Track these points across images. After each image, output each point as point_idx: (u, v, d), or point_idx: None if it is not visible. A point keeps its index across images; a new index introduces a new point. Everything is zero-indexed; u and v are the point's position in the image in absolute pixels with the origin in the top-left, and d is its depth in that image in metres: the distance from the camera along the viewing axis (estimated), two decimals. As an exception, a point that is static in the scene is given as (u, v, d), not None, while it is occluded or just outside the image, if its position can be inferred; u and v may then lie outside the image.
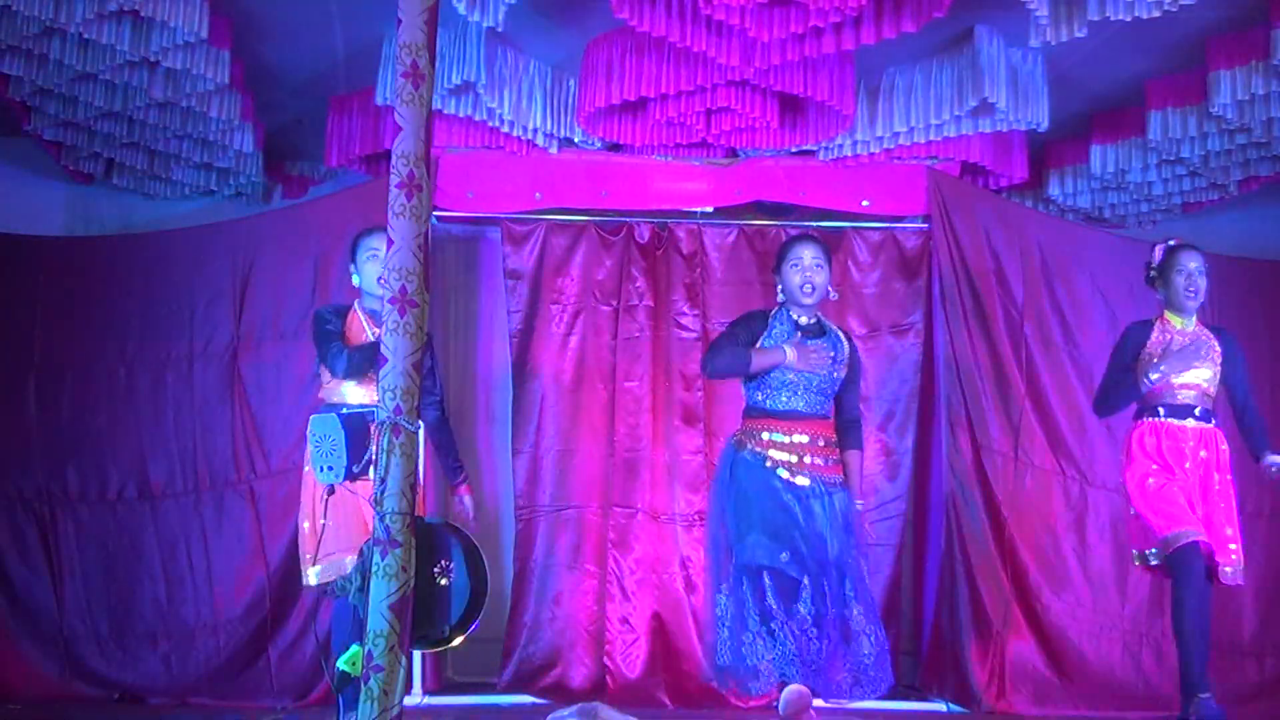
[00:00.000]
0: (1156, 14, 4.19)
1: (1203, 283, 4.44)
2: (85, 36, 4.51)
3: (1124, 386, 4.46)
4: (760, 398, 4.13)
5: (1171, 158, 5.43)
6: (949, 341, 5.46)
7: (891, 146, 5.36)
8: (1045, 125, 5.09)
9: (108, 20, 4.47)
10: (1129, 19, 4.21)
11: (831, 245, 5.67)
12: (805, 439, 4.06)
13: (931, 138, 5.26)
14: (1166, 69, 5.11)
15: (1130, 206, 6.08)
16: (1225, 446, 4.44)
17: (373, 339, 4.10)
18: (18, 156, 5.92)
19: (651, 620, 5.45)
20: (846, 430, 4.32)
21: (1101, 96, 5.42)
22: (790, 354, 4.04)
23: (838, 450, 4.20)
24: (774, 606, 3.90)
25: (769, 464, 4.03)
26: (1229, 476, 4.40)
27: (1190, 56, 4.91)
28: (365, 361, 4.03)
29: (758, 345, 4.18)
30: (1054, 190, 5.96)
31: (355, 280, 4.26)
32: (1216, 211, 6.12)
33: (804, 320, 4.19)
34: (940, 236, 5.51)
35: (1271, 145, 5.27)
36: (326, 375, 4.22)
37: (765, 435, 4.07)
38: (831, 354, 4.15)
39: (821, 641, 3.89)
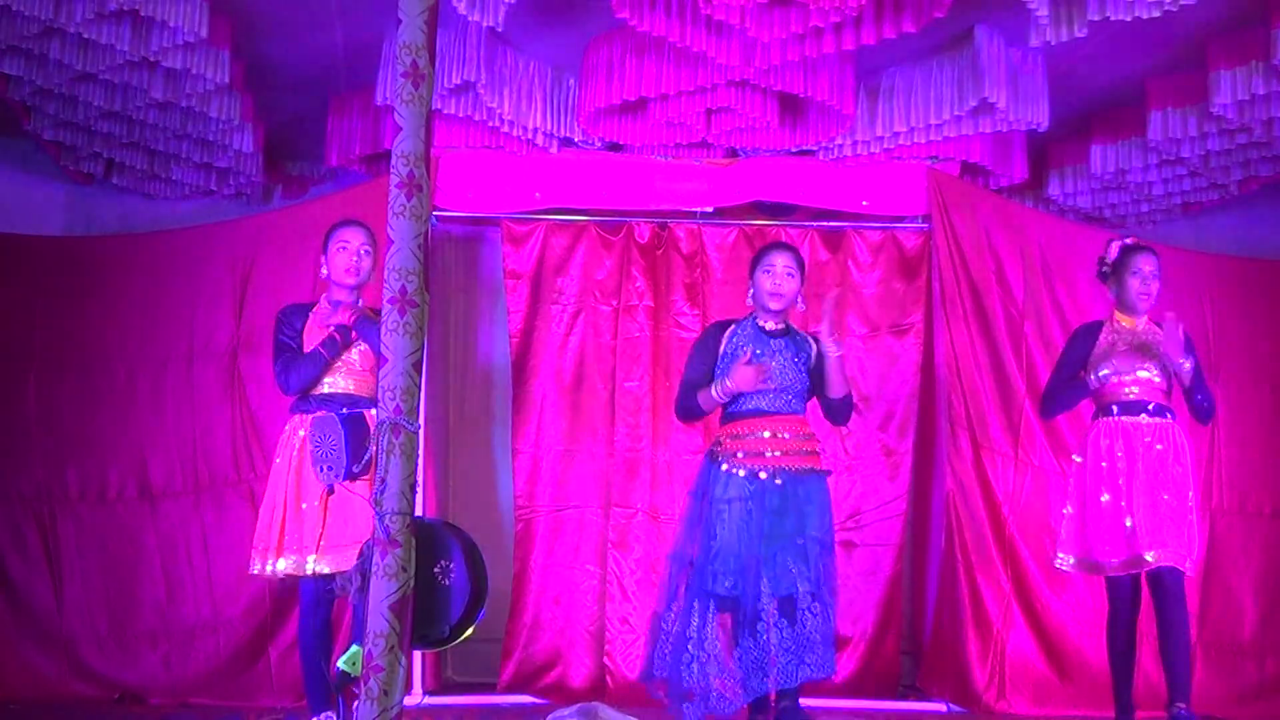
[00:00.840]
0: (1156, 14, 4.19)
1: (1155, 286, 4.43)
2: (85, 36, 4.52)
3: (1071, 388, 4.50)
4: (729, 404, 4.15)
5: (1171, 158, 5.43)
6: (949, 341, 5.46)
7: (891, 146, 5.36)
8: (1045, 125, 5.09)
9: (108, 20, 4.47)
10: (1129, 19, 4.22)
11: (831, 245, 5.71)
12: (770, 435, 4.06)
13: (931, 138, 5.26)
14: (1166, 69, 5.11)
15: (1130, 206, 6.08)
16: (1185, 441, 4.41)
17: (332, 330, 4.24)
18: (18, 156, 5.92)
19: (651, 620, 5.44)
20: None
21: (1101, 96, 5.42)
22: (731, 383, 4.06)
23: (813, 443, 4.17)
24: (718, 635, 3.90)
25: (732, 468, 4.03)
26: (1185, 469, 4.36)
27: (1190, 56, 4.91)
28: (312, 372, 4.18)
29: (717, 362, 4.17)
30: (1054, 190, 5.96)
31: (324, 271, 4.32)
32: (1216, 211, 6.12)
33: (770, 326, 4.18)
34: (940, 236, 5.51)
35: (1271, 145, 5.27)
36: None
37: (733, 438, 4.08)
38: (793, 356, 4.12)
39: (765, 637, 3.84)
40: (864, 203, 5.63)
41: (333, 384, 4.24)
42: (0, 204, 5.93)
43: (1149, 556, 4.18)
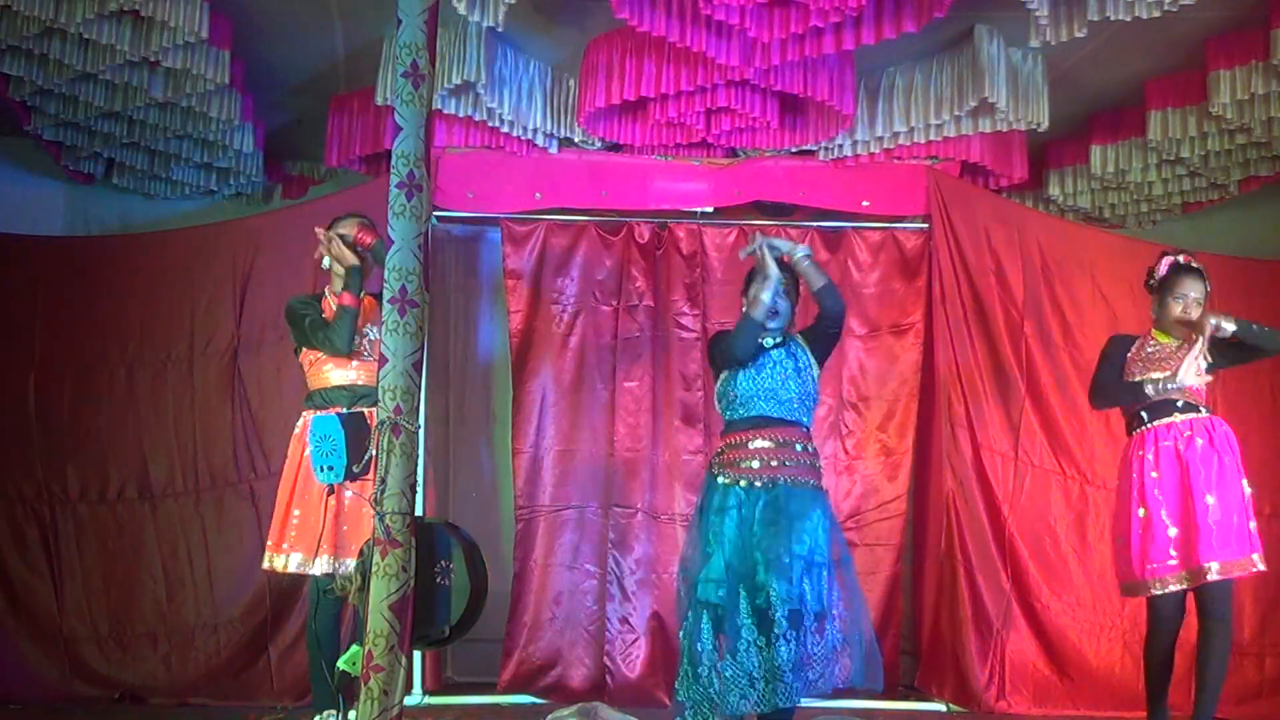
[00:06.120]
0: (1156, 14, 4.20)
1: (1196, 312, 4.29)
2: (85, 36, 4.53)
3: (1125, 389, 4.33)
4: (728, 414, 4.10)
5: (1171, 158, 5.44)
6: (949, 341, 5.46)
7: (891, 146, 5.37)
8: (1045, 125, 5.09)
9: (108, 20, 4.48)
10: (1129, 19, 4.22)
11: (831, 245, 5.71)
12: (767, 444, 3.96)
13: (931, 138, 5.27)
14: (1166, 69, 5.11)
15: (1130, 206, 6.08)
16: (1226, 430, 4.31)
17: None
18: (18, 156, 5.92)
19: (651, 620, 5.45)
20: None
21: (1101, 96, 5.43)
22: (766, 271, 4.01)
23: (812, 456, 4.05)
24: (717, 645, 3.85)
25: (726, 479, 3.96)
26: (1233, 457, 4.26)
27: (1190, 56, 4.92)
28: (348, 325, 4.23)
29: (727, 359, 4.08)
30: (1054, 190, 5.96)
31: (325, 263, 4.39)
32: (1216, 211, 6.12)
33: (768, 342, 4.15)
34: (940, 236, 5.51)
35: (1271, 145, 5.28)
36: (308, 362, 4.37)
37: (728, 450, 4.01)
38: (792, 363, 4.07)
39: (745, 657, 3.74)
40: (864, 203, 5.63)
41: (345, 376, 4.29)
42: (0, 204, 5.93)
43: (1191, 573, 4.10)
